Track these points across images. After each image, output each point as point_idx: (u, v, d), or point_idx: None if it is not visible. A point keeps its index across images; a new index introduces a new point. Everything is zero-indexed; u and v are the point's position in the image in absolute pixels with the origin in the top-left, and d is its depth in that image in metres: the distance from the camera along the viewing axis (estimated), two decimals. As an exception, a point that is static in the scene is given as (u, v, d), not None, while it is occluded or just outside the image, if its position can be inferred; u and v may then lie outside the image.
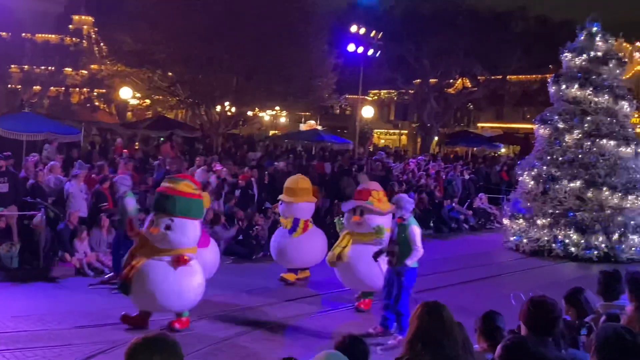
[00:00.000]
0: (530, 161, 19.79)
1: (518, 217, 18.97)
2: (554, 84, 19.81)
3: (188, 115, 43.43)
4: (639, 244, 18.00)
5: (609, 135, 18.74)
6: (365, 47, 32.44)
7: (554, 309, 4.55)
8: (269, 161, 23.87)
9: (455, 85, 47.70)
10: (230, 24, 28.04)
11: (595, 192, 18.22)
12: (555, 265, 17.45)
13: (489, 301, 7.95)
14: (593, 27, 19.83)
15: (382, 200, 11.85)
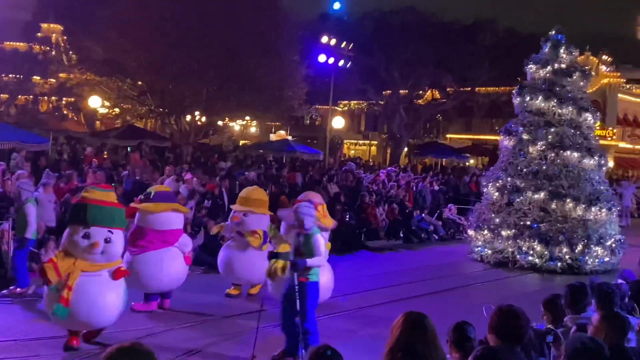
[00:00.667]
0: (495, 172, 19.78)
1: (483, 228, 18.93)
2: (519, 95, 19.81)
3: (157, 124, 43.22)
4: (602, 255, 18.01)
5: (573, 146, 18.81)
6: (336, 58, 32.57)
7: (522, 317, 4.61)
8: (240, 171, 23.83)
9: (425, 97, 48.08)
10: (201, 34, 28.01)
11: (559, 204, 18.24)
12: (519, 277, 17.37)
13: (455, 313, 8.00)
14: (557, 39, 19.92)
15: (325, 216, 11.43)
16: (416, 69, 42.59)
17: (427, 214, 23.94)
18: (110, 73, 30.63)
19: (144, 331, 10.18)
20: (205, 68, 28.93)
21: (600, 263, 17.93)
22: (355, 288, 14.78)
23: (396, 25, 42.53)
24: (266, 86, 30.35)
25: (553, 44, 19.83)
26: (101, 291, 9.36)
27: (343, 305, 12.98)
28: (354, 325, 11.74)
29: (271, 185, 20.66)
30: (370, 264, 18.44)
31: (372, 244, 21.11)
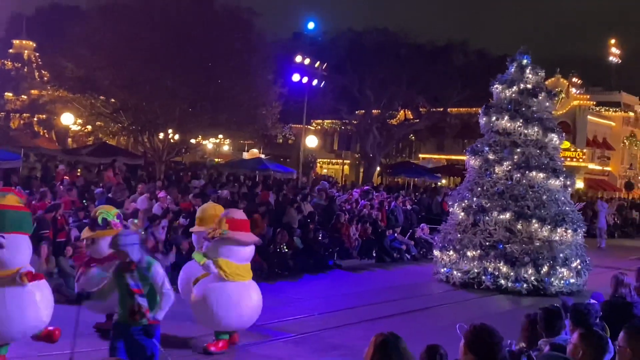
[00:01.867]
0: (461, 192, 19.51)
1: (448, 248, 18.64)
2: (485, 115, 19.60)
3: (130, 142, 43.01)
4: (568, 277, 17.86)
5: (539, 167, 18.64)
6: (310, 77, 32.73)
7: (494, 334, 4.65)
8: (212, 189, 23.76)
9: (398, 117, 48.45)
10: (174, 51, 28.01)
11: (524, 224, 18.04)
12: (484, 298, 17.17)
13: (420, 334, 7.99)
14: (523, 59, 19.76)
15: (217, 227, 10.69)
16: (389, 89, 42.95)
17: (399, 233, 24.05)
18: (83, 90, 30.48)
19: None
20: (178, 86, 28.88)
21: (566, 285, 17.79)
22: (326, 307, 14.83)
23: (370, 45, 42.92)
24: (240, 105, 30.37)
25: (519, 64, 19.73)
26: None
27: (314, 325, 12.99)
28: (324, 345, 11.74)
29: (244, 204, 20.65)
30: (341, 284, 18.45)
31: (344, 263, 21.15)
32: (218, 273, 10.50)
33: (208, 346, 10.65)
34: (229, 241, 10.55)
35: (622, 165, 59.67)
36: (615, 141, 58.16)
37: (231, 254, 10.64)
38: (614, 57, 69.64)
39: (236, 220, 10.80)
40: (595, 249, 30.31)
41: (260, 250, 18.65)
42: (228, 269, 10.54)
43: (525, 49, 20.01)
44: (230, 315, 10.52)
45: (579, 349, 4.96)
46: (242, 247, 10.78)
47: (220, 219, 10.77)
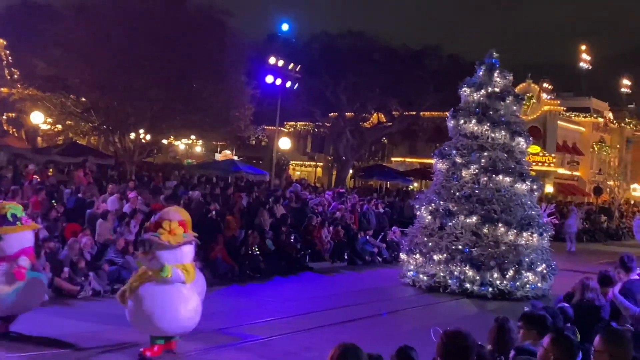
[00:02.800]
0: (428, 195, 19.36)
1: (415, 252, 18.48)
2: (453, 118, 19.54)
3: (101, 141, 42.63)
4: (533, 281, 17.73)
5: (505, 171, 18.52)
6: (283, 79, 32.67)
7: (467, 339, 4.66)
8: (183, 190, 23.60)
9: (371, 120, 48.55)
10: (147, 52, 27.81)
11: (491, 228, 17.88)
12: (450, 302, 17.01)
13: (383, 339, 7.98)
14: (491, 62, 19.62)
15: (174, 232, 10.16)
16: (363, 92, 43.06)
17: (371, 236, 24.09)
18: (54, 89, 30.17)
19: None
20: (150, 86, 28.68)
21: (532, 289, 17.65)
22: (297, 310, 14.82)
23: (344, 48, 42.98)
24: (213, 106, 30.24)
25: (487, 67, 19.62)
26: None
27: (289, 327, 12.95)
28: (295, 347, 11.72)
29: (216, 206, 20.56)
30: (313, 286, 18.45)
31: (316, 265, 21.15)
32: (184, 278, 10.05)
33: (143, 351, 10.17)
34: (188, 243, 10.24)
35: (591, 170, 60.37)
36: (585, 146, 58.83)
37: (190, 255, 10.37)
38: (585, 63, 70.47)
39: (184, 221, 10.42)
40: (565, 252, 30.74)
41: (232, 252, 18.65)
42: (192, 271, 10.28)
43: (494, 53, 19.89)
44: (168, 319, 9.97)
45: (550, 353, 4.98)
46: (191, 247, 10.45)
47: (169, 222, 10.15)
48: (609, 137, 62.37)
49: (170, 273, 9.91)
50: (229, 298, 15.92)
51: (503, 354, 5.66)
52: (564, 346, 4.98)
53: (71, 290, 14.36)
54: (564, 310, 7.97)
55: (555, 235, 33.23)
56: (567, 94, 60.37)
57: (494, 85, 19.42)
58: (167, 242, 9.99)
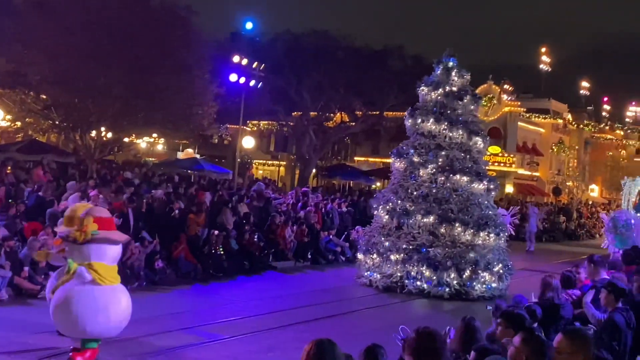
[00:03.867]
0: (385, 195, 19.25)
1: (372, 252, 18.35)
2: (410, 117, 19.44)
3: (61, 139, 42.02)
4: (489, 281, 17.70)
5: (463, 170, 18.48)
6: (247, 78, 32.54)
7: (438, 338, 4.68)
8: (146, 189, 23.36)
9: (334, 119, 48.61)
10: (108, 49, 27.48)
11: (448, 228, 17.85)
12: (406, 302, 16.95)
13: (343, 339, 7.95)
14: (449, 61, 19.56)
15: (85, 229, 9.54)
16: (326, 92, 43.09)
17: (335, 236, 24.14)
18: (13, 85, 29.61)
19: None
20: (112, 83, 28.32)
21: (488, 289, 17.64)
22: (260, 309, 14.83)
23: (307, 47, 42.95)
24: (175, 104, 29.98)
25: (445, 66, 19.58)
26: None
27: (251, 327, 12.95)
28: (257, 347, 11.71)
29: (180, 204, 20.42)
30: (276, 286, 18.45)
31: (280, 264, 21.14)
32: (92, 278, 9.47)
33: (73, 356, 9.69)
34: (101, 242, 9.64)
35: (551, 171, 61.24)
36: (544, 147, 59.64)
37: (104, 255, 9.73)
38: (545, 65, 71.57)
39: (104, 218, 9.89)
40: (524, 252, 31.18)
41: (195, 252, 18.56)
42: (104, 272, 9.63)
43: (451, 52, 19.88)
44: (97, 322, 9.46)
45: (521, 352, 5.02)
46: (113, 247, 9.95)
47: (83, 218, 9.62)
48: (567, 138, 63.31)
49: (73, 270, 9.42)
50: (192, 297, 15.87)
51: (469, 353, 5.70)
52: (535, 345, 5.03)
53: (31, 289, 14.16)
54: (532, 310, 8.07)
55: (515, 235, 33.98)
56: (527, 95, 61.18)
57: (451, 84, 19.43)
58: (73, 239, 9.52)
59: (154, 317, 13.16)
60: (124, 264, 16.12)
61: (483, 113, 53.29)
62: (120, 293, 9.93)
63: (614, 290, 7.67)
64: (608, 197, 64.27)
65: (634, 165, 61.24)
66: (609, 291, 7.69)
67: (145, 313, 13.44)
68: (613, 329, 7.27)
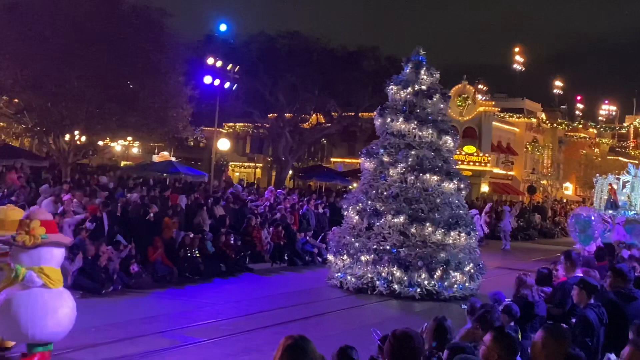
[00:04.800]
0: (355, 195, 19.09)
1: (342, 253, 18.15)
2: (380, 116, 19.24)
3: (34, 143, 41.62)
4: (461, 281, 17.54)
5: (433, 169, 18.24)
6: (222, 80, 32.43)
7: (415, 341, 4.68)
8: (120, 192, 23.21)
9: (310, 121, 48.63)
10: (81, 52, 27.24)
11: (418, 228, 17.60)
12: (377, 304, 16.77)
13: (316, 341, 7.95)
14: (418, 60, 19.34)
15: (33, 232, 9.35)
16: (301, 93, 43.10)
17: (311, 237, 24.14)
18: (-16, 90, 29.30)
19: None
20: (85, 87, 28.09)
21: (460, 289, 17.47)
22: (237, 312, 14.79)
23: (282, 49, 42.96)
24: (149, 107, 29.78)
25: (414, 65, 19.34)
26: None
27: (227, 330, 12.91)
28: (234, 349, 11.68)
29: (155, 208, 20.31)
30: (252, 288, 18.40)
31: (256, 266, 21.10)
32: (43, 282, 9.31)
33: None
34: (50, 245, 9.47)
35: (525, 170, 61.73)
36: (519, 146, 60.11)
37: (52, 258, 9.56)
38: (518, 65, 72.05)
39: (49, 222, 9.76)
40: (500, 250, 31.42)
41: (170, 255, 18.46)
42: (53, 275, 9.47)
43: (421, 50, 19.64)
44: (46, 325, 9.27)
45: (492, 350, 5.05)
46: (60, 250, 9.83)
47: (29, 222, 9.43)
48: (542, 137, 63.87)
49: (22, 275, 9.21)
50: (168, 301, 15.78)
51: (439, 351, 5.72)
52: (505, 343, 5.06)
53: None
54: (509, 308, 8.12)
55: (491, 233, 34.22)
56: (501, 95, 61.61)
57: (421, 83, 19.17)
58: (21, 243, 9.29)
59: (129, 321, 13.09)
60: (98, 268, 16.02)
61: (458, 113, 53.74)
62: (67, 296, 9.81)
63: (586, 287, 7.74)
64: (582, 195, 64.89)
65: (608, 163, 61.94)
66: (581, 288, 7.75)
67: (120, 317, 13.43)
68: (586, 325, 7.32)
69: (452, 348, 5.61)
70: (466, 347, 5.55)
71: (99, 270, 15.98)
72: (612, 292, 8.16)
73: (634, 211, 25.64)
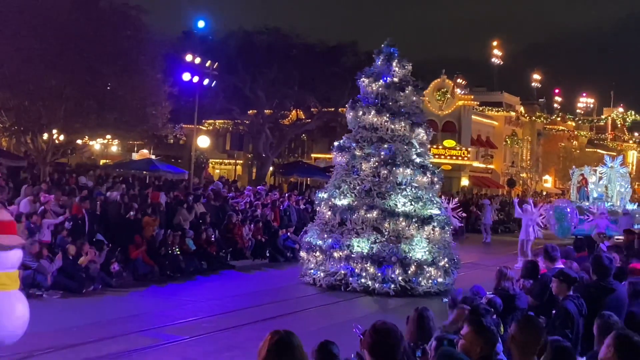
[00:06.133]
0: (328, 190, 18.75)
1: (315, 249, 17.79)
2: (351, 109, 18.81)
3: (12, 143, 41.22)
4: (435, 276, 17.21)
5: (406, 163, 17.88)
6: (201, 77, 32.32)
7: (395, 334, 4.69)
8: (98, 191, 23.01)
9: (290, 117, 48.57)
10: (57, 50, 27.01)
11: (392, 223, 17.29)
12: (351, 301, 16.40)
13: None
14: (390, 51, 18.90)
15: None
16: (281, 89, 43.01)
17: (292, 233, 24.13)
18: (-40, 89, 28.95)
19: None
20: (63, 85, 27.86)
21: (434, 284, 17.16)
22: (219, 309, 14.76)
23: (261, 45, 42.83)
24: (128, 104, 29.58)
25: (385, 56, 18.92)
26: None
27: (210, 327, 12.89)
28: (216, 347, 11.66)
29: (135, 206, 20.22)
30: (234, 285, 18.36)
31: (238, 263, 21.07)
32: None
33: None
34: None
35: (505, 163, 62.14)
36: (498, 140, 60.49)
37: (7, 261, 9.28)
38: (496, 59, 72.47)
39: (3, 222, 9.47)
40: (481, 244, 31.63)
41: (151, 253, 18.39)
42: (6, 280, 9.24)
43: (392, 41, 19.21)
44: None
45: (470, 343, 5.08)
46: (14, 252, 9.45)
47: None
48: (520, 130, 64.30)
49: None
50: (149, 299, 15.72)
51: (424, 343, 5.74)
52: (482, 336, 5.09)
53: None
54: (492, 301, 8.16)
55: (472, 227, 34.43)
56: (480, 89, 62.02)
57: (392, 75, 18.80)
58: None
59: (110, 321, 13.03)
60: (79, 267, 15.94)
61: (437, 107, 54.03)
62: (14, 299, 9.48)
63: (565, 279, 7.80)
64: (562, 188, 65.43)
65: (586, 156, 62.56)
66: (561, 280, 7.81)
67: (101, 316, 13.38)
68: (566, 317, 7.38)
69: (439, 338, 5.65)
70: (455, 339, 5.57)
71: (79, 270, 15.90)
72: (593, 284, 8.21)
73: (610, 202, 25.89)
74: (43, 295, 14.85)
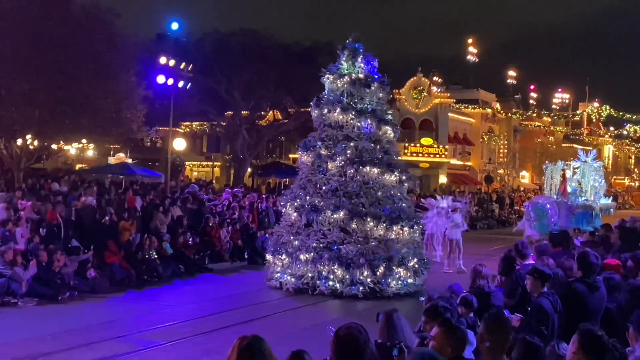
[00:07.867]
0: (293, 191, 18.19)
1: (281, 252, 17.31)
2: (316, 107, 18.48)
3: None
4: (405, 276, 16.86)
5: (373, 162, 17.45)
6: (175, 79, 32.10)
7: (359, 338, 4.65)
8: (72, 197, 22.76)
9: (267, 118, 48.48)
10: (30, 54, 26.74)
11: (359, 223, 16.79)
12: (318, 305, 15.97)
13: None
14: (354, 47, 18.38)
15: None
16: (257, 90, 42.90)
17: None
18: None
19: None
20: (36, 90, 27.59)
21: (404, 285, 16.81)
22: (197, 313, 14.69)
23: (236, 46, 42.64)
24: (102, 108, 29.35)
25: (350, 52, 18.37)
26: None
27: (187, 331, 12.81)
28: (194, 351, 11.59)
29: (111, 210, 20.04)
30: (212, 288, 18.26)
31: (216, 266, 20.98)
32: None
33: None
34: None
35: (482, 160, 62.44)
36: (475, 137, 60.80)
37: None
38: (472, 56, 72.73)
39: None
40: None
41: (128, 258, 18.25)
42: None
43: (356, 36, 18.61)
44: None
45: (440, 343, 5.07)
46: None
47: None
48: (497, 127, 64.66)
49: None
50: (126, 305, 15.59)
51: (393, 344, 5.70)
52: (452, 336, 5.09)
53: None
54: (468, 300, 8.17)
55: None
56: (456, 86, 62.24)
57: (357, 71, 18.24)
58: None
59: (86, 327, 12.90)
60: (53, 274, 15.77)
61: (414, 105, 54.21)
62: None
63: (539, 275, 7.80)
64: (539, 183, 65.81)
65: (563, 151, 62.88)
66: (535, 277, 7.81)
67: (77, 323, 13.24)
68: (541, 313, 7.39)
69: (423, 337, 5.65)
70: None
71: (54, 276, 15.73)
72: (577, 281, 8.15)
73: (584, 197, 25.99)
74: (18, 303, 14.69)
